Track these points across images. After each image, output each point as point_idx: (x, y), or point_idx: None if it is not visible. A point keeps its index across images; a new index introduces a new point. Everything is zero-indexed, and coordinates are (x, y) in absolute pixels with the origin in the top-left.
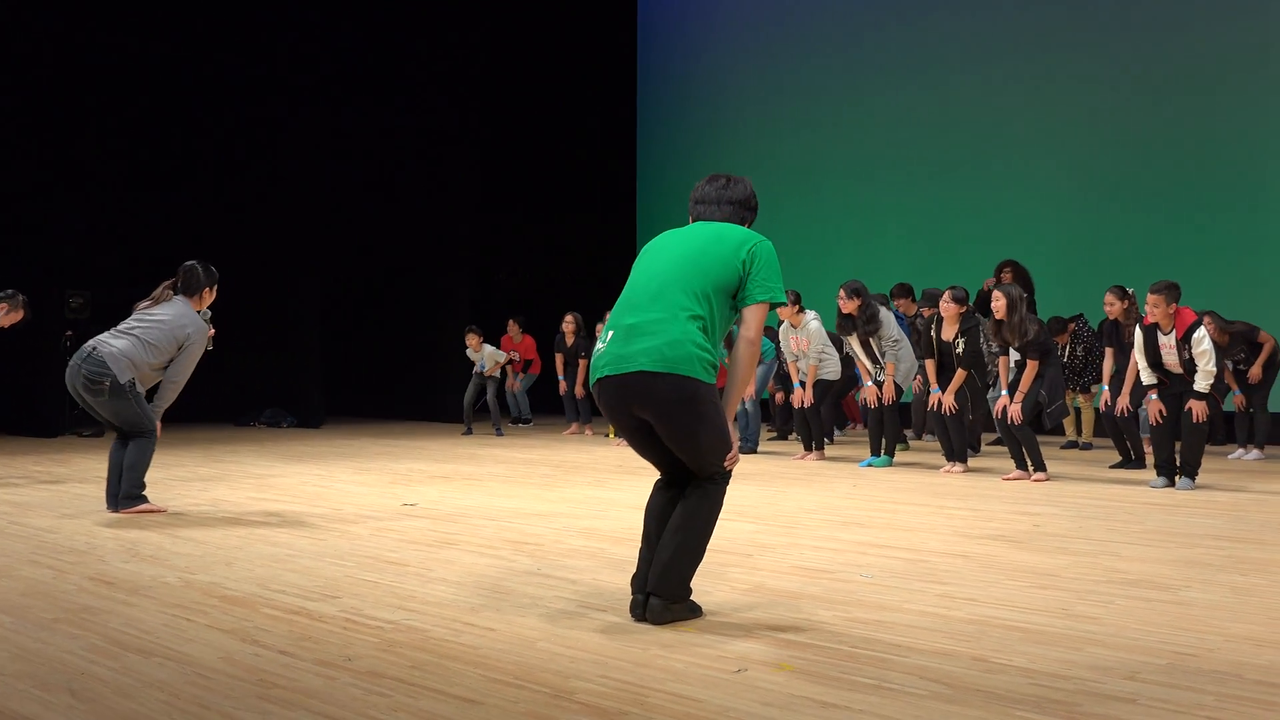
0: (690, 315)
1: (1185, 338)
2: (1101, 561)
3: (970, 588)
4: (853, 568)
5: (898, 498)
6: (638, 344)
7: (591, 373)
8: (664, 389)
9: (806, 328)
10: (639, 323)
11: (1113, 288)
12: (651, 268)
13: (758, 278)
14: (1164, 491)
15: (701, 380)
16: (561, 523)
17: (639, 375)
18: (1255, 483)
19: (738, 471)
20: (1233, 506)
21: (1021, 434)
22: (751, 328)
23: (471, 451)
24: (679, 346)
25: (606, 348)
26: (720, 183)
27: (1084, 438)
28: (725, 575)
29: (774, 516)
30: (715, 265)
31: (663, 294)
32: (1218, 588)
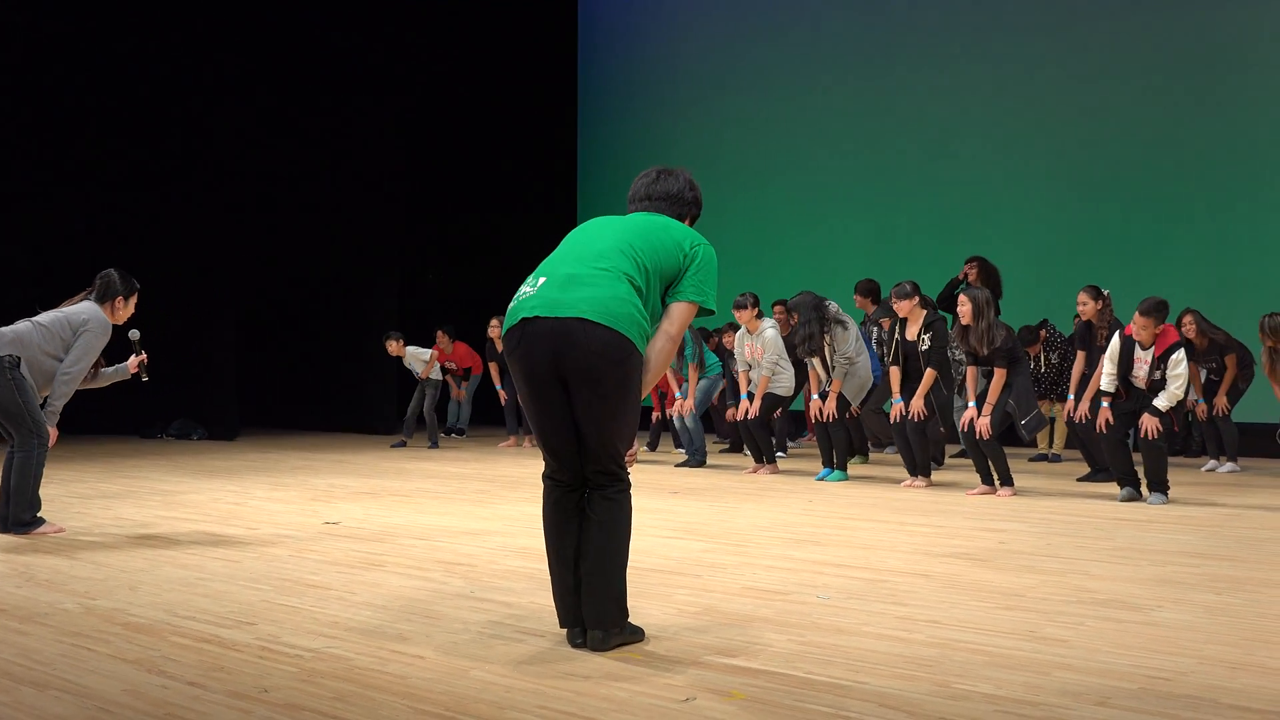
0: (631, 281)
1: (1163, 356)
2: (1070, 580)
3: (932, 609)
4: (808, 588)
5: (856, 514)
6: (578, 292)
7: (511, 316)
8: (601, 342)
9: (763, 335)
10: (580, 273)
11: (1086, 288)
12: (592, 234)
13: (695, 276)
14: (1135, 507)
15: (637, 348)
16: (496, 541)
17: (578, 321)
18: (1229, 496)
19: (689, 485)
20: (1206, 522)
21: (989, 448)
22: (675, 324)
23: (400, 465)
24: (623, 304)
25: (537, 291)
26: (651, 177)
27: (1055, 449)
28: (673, 597)
29: (724, 534)
30: (660, 248)
31: (606, 254)
32: (1191, 608)
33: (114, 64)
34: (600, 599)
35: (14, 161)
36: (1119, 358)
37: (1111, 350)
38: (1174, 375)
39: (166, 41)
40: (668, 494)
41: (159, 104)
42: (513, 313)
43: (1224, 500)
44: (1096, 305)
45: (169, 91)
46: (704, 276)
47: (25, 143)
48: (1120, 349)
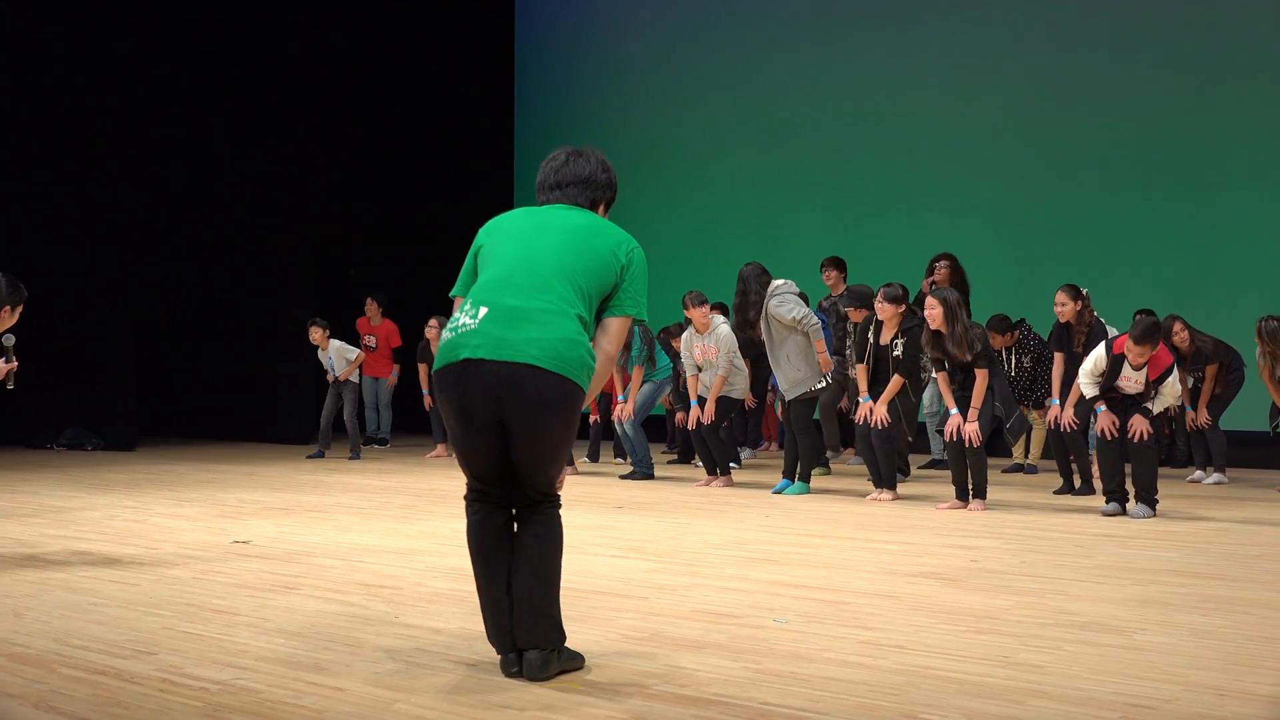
0: (577, 314)
1: (1156, 381)
2: (1047, 601)
3: (899, 633)
4: (764, 611)
5: (817, 530)
6: (526, 331)
7: (448, 350)
8: (551, 391)
9: (716, 333)
10: (526, 307)
11: (1064, 287)
12: (530, 249)
13: (631, 288)
14: (1117, 522)
15: (583, 390)
16: (424, 561)
17: (528, 369)
18: (1217, 510)
19: (634, 499)
20: (1192, 537)
21: (975, 457)
22: (614, 342)
23: (317, 478)
24: (573, 347)
25: (480, 325)
26: (560, 160)
27: (1031, 459)
28: (616, 621)
29: (673, 553)
30: (598, 264)
31: (550, 284)
32: (1176, 630)
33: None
34: (535, 618)
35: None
36: (1107, 373)
37: (1096, 364)
38: (1165, 394)
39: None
40: (611, 509)
41: (49, 92)
42: (451, 347)
43: (1211, 514)
44: (1075, 306)
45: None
46: (639, 286)
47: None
48: (1110, 366)
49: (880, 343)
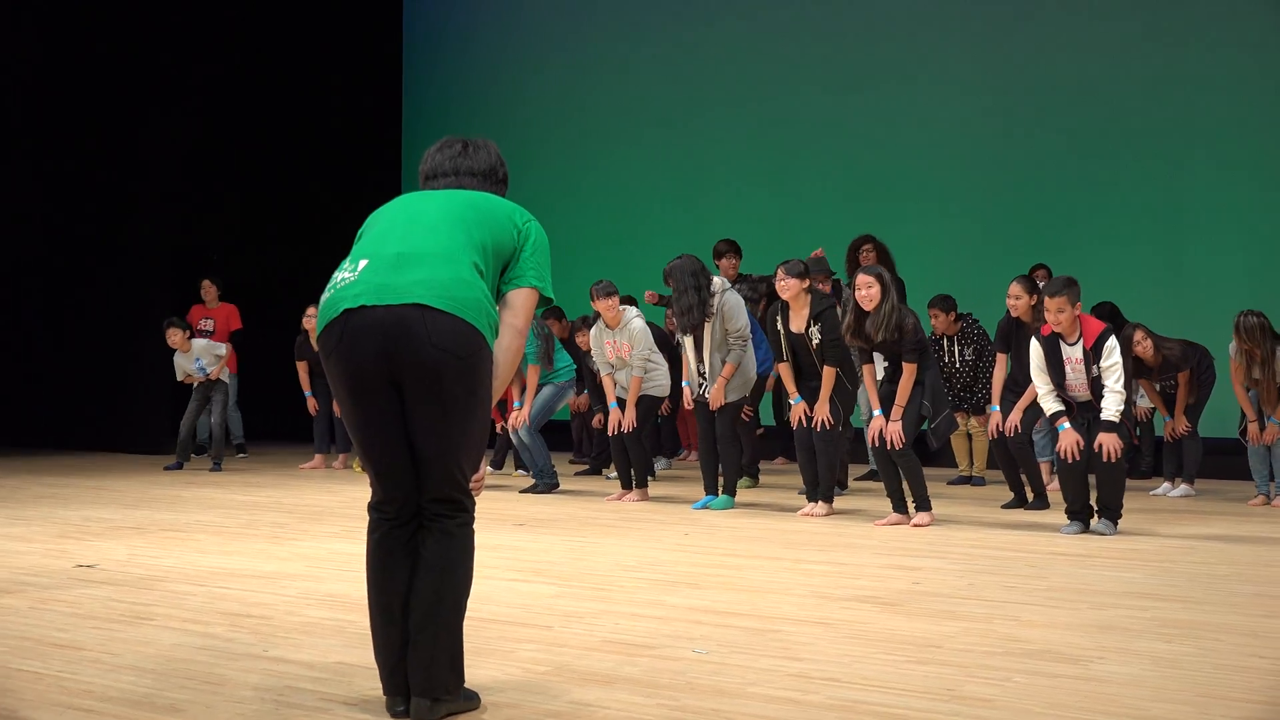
0: (473, 263)
1: (1095, 347)
2: (996, 628)
3: (832, 664)
4: (683, 641)
5: (742, 550)
6: (413, 273)
7: (328, 309)
8: (446, 333)
9: (628, 328)
10: (412, 251)
11: (1020, 278)
12: (415, 207)
13: (533, 258)
14: (1074, 540)
15: (487, 342)
16: (297, 587)
17: (416, 309)
18: (1183, 525)
19: (537, 515)
20: (1156, 556)
21: (904, 462)
22: (521, 315)
23: (174, 493)
24: (468, 288)
25: (359, 276)
26: (457, 149)
27: (976, 469)
28: (516, 653)
29: (581, 575)
30: (493, 222)
31: (439, 228)
32: (1137, 659)
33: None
34: (431, 659)
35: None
36: (1047, 365)
37: (1037, 361)
38: (1109, 368)
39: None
40: (512, 526)
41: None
42: (330, 304)
43: (1176, 530)
44: (1030, 300)
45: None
46: (542, 259)
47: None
48: (1046, 354)
49: (792, 330)
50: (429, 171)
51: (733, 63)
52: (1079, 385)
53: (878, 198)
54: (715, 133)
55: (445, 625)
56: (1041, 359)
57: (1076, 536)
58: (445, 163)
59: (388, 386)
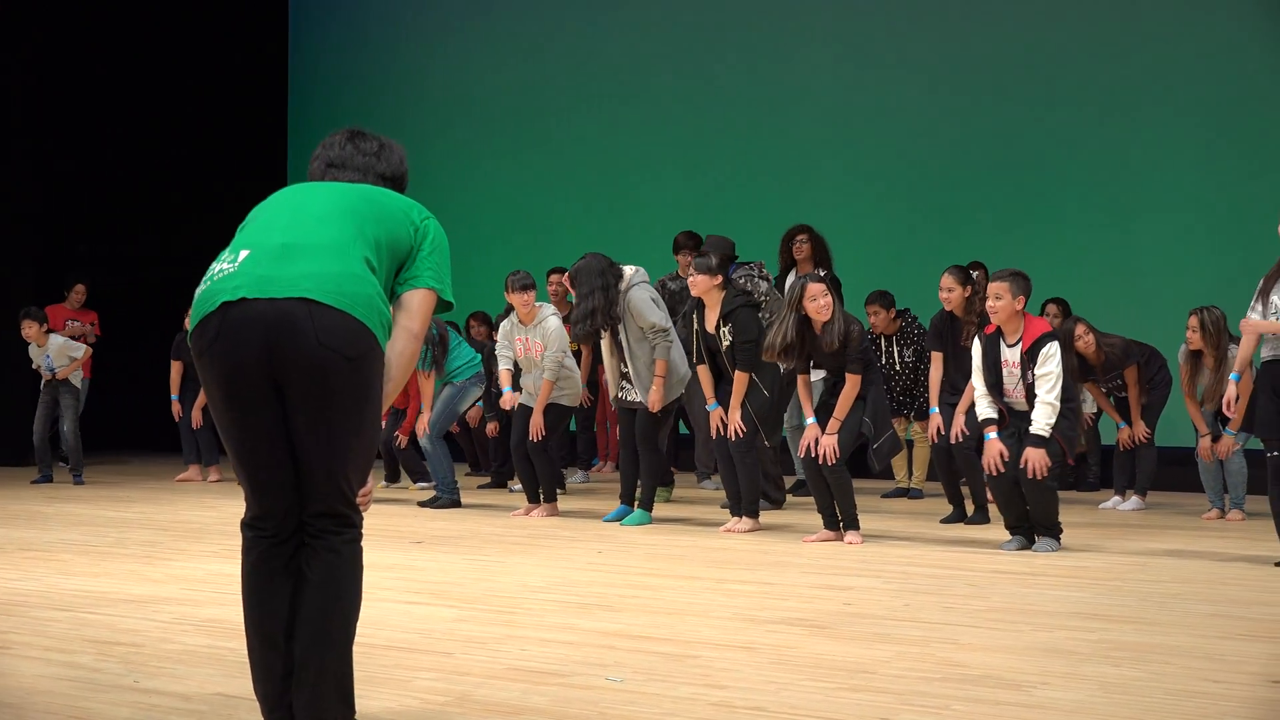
0: (365, 258)
1: (1031, 351)
2: (934, 652)
3: (757, 692)
4: (595, 668)
5: (660, 568)
6: (299, 264)
7: (204, 302)
8: (333, 330)
9: (543, 325)
10: (299, 242)
11: (953, 268)
12: (303, 197)
13: (431, 258)
14: (1016, 557)
15: (379, 342)
16: (171, 612)
17: (301, 303)
18: (1133, 540)
19: (437, 532)
20: (1104, 574)
21: (835, 478)
22: (418, 318)
23: (34, 509)
24: (360, 283)
25: (239, 268)
26: (373, 146)
27: (915, 480)
28: (413, 682)
29: (485, 597)
30: (387, 216)
31: (329, 219)
32: (1084, 684)
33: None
34: (318, 688)
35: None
36: (984, 365)
37: (976, 359)
38: (1042, 375)
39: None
40: (409, 544)
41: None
42: (206, 297)
43: (1126, 546)
44: (964, 292)
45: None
46: (440, 259)
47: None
48: (984, 353)
49: (706, 329)
50: (333, 160)
51: (644, 45)
52: (1015, 391)
53: (803, 185)
54: (627, 118)
55: (333, 651)
56: (981, 358)
57: (1020, 554)
58: (355, 158)
59: (268, 388)
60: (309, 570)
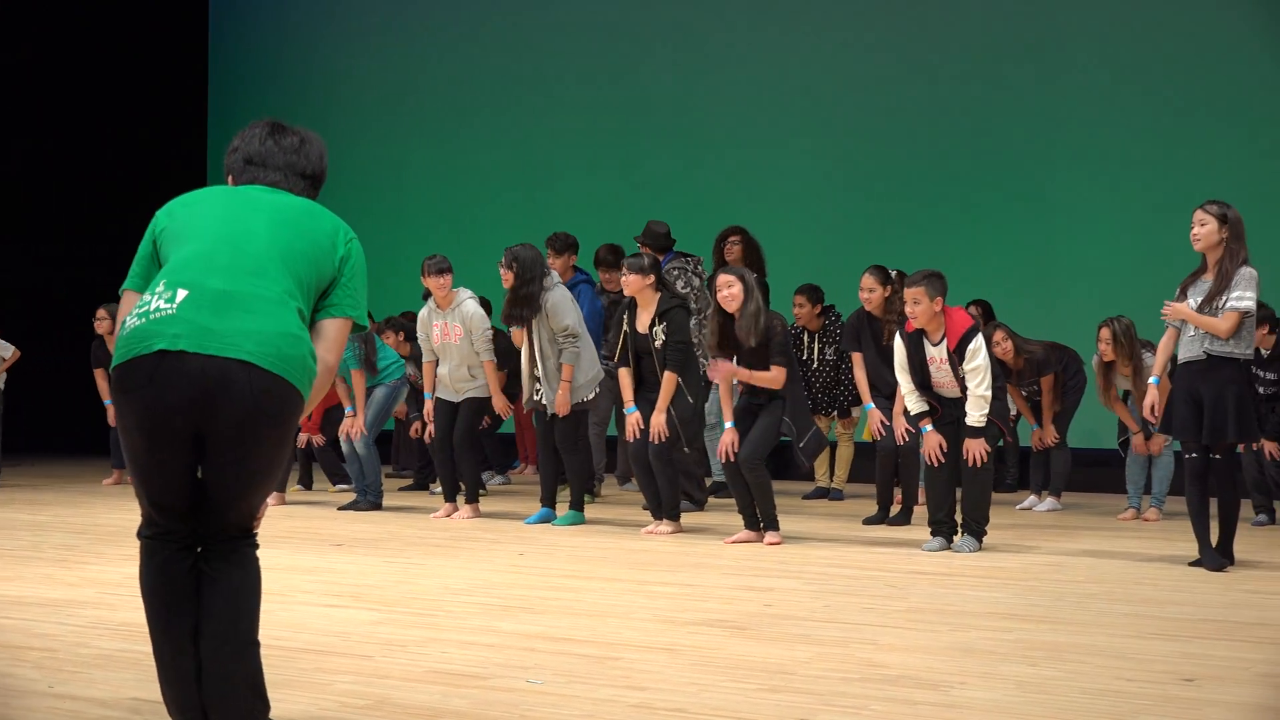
0: (297, 307)
1: (959, 349)
2: (853, 652)
3: (678, 693)
4: (517, 670)
5: (581, 570)
6: (238, 321)
7: (138, 340)
8: (268, 397)
9: (461, 309)
10: (236, 292)
11: (873, 269)
12: (236, 225)
13: (351, 285)
14: (936, 558)
15: (304, 398)
16: (87, 616)
17: (241, 366)
18: (1050, 541)
19: (357, 534)
20: (1021, 574)
21: (755, 477)
22: (334, 351)
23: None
24: (296, 344)
25: (179, 311)
26: (293, 142)
27: (836, 481)
28: (333, 686)
29: (405, 600)
30: (314, 250)
31: (264, 267)
32: (1001, 683)
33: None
34: (231, 687)
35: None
36: (909, 364)
37: (899, 359)
38: (971, 370)
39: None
40: (328, 547)
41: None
42: (142, 336)
43: (1043, 546)
44: (884, 292)
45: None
46: (358, 283)
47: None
48: (908, 352)
49: (638, 329)
50: (253, 156)
51: (569, 42)
52: (947, 383)
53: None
54: (551, 115)
55: (244, 651)
56: (904, 357)
57: (939, 554)
58: (276, 154)
59: (188, 434)
60: (216, 574)
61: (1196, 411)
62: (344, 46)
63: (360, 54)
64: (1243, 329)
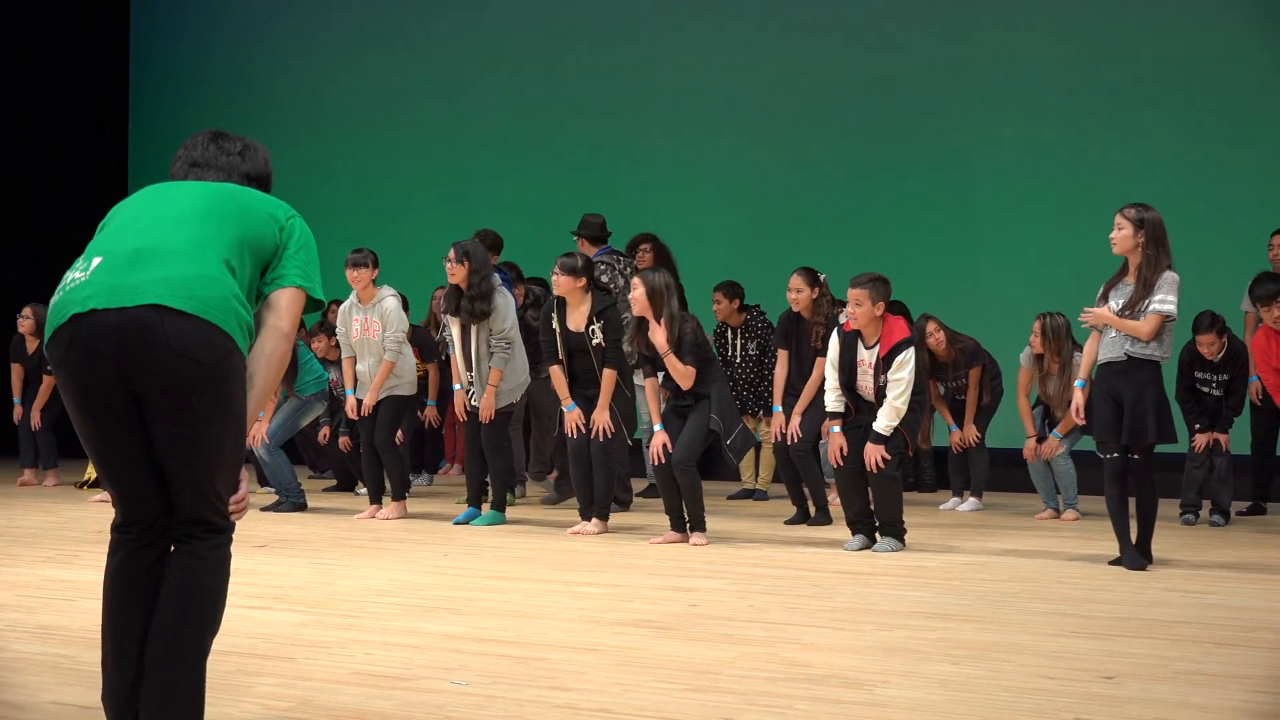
0: (224, 259)
1: (888, 357)
2: (778, 652)
3: (603, 693)
4: (441, 672)
5: (506, 571)
6: (150, 271)
7: (56, 313)
8: (189, 338)
9: (381, 305)
10: (152, 246)
11: (800, 270)
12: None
13: (298, 256)
14: (860, 558)
15: (238, 346)
16: (4, 619)
17: (153, 311)
18: (972, 540)
19: (280, 536)
20: (944, 574)
21: (686, 479)
22: (286, 317)
23: None
24: (215, 286)
25: (91, 276)
26: (236, 147)
27: (761, 482)
28: (255, 688)
29: (328, 601)
30: (251, 215)
31: (186, 220)
32: (924, 682)
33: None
34: (167, 699)
35: None
36: (840, 361)
37: (831, 355)
38: (894, 380)
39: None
40: (252, 548)
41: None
42: (58, 308)
43: (965, 545)
44: (812, 293)
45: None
46: (308, 256)
47: None
48: (840, 349)
49: (570, 328)
50: (196, 160)
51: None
52: (868, 389)
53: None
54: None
55: (186, 660)
56: (835, 354)
57: (862, 554)
58: (219, 158)
59: (125, 398)
60: (170, 576)
61: (1117, 412)
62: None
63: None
64: (1163, 332)
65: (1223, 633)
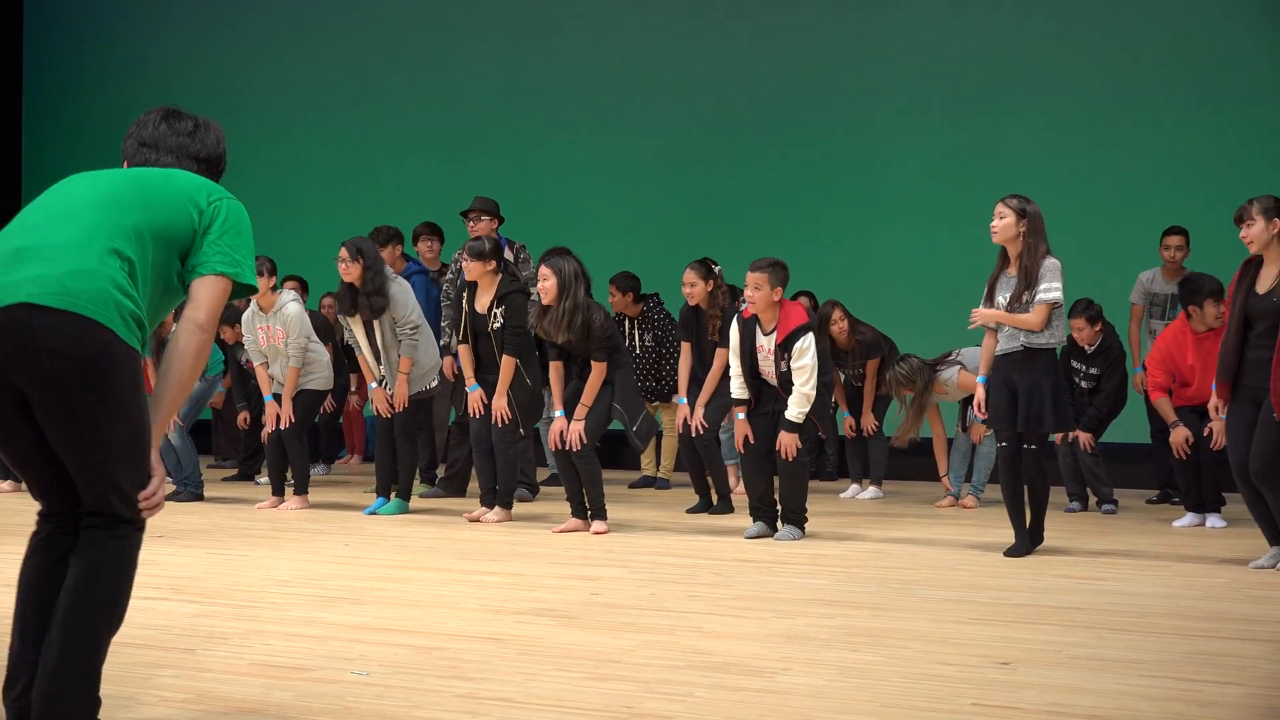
0: (112, 249)
1: (786, 344)
2: (679, 640)
3: (504, 683)
4: (341, 662)
5: (408, 561)
6: (27, 269)
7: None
8: (54, 335)
9: (282, 312)
10: (35, 245)
11: (695, 264)
12: (63, 194)
13: (221, 241)
14: (760, 546)
15: (121, 337)
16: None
17: (21, 309)
18: (872, 529)
19: (178, 525)
20: (844, 561)
21: (585, 465)
22: (203, 308)
23: None
24: (90, 279)
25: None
26: (187, 126)
27: (662, 471)
28: (153, 680)
29: (227, 592)
30: (159, 201)
31: (75, 214)
32: (824, 669)
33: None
34: (59, 686)
35: None
36: (740, 349)
37: (732, 342)
38: (798, 368)
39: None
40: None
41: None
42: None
43: (864, 533)
44: (706, 286)
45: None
46: (235, 240)
47: None
48: (740, 337)
49: (476, 309)
50: (146, 140)
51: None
52: (770, 373)
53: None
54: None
55: (81, 648)
56: (737, 341)
57: (763, 542)
58: (169, 138)
59: (15, 398)
60: (76, 561)
61: (1011, 401)
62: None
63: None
64: (1053, 319)
65: (1116, 618)
